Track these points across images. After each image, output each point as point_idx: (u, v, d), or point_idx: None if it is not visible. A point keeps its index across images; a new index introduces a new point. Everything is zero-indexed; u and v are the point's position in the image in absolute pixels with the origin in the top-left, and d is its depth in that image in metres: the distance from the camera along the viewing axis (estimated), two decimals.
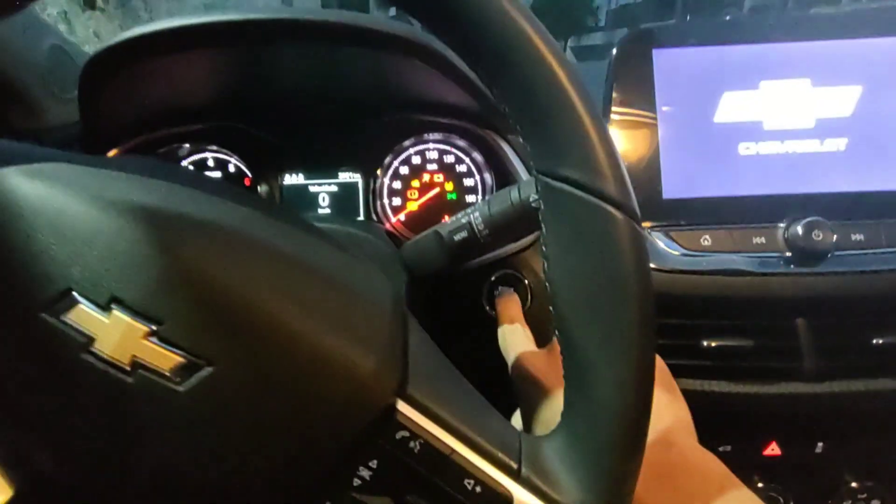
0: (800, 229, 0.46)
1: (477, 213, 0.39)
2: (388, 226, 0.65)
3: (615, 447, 0.22)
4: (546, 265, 0.23)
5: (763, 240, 0.48)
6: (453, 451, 0.22)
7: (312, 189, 0.64)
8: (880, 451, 0.53)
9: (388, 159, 0.64)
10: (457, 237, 0.40)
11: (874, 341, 0.47)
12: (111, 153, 0.57)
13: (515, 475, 0.22)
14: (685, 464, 0.28)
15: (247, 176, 0.64)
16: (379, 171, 0.64)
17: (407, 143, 0.63)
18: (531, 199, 0.36)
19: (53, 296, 0.19)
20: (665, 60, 0.50)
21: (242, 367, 0.20)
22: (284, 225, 0.26)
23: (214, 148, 0.62)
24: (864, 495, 0.52)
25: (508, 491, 0.22)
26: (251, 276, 0.21)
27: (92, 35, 3.99)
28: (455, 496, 0.22)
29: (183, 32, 0.45)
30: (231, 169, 0.63)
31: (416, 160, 0.64)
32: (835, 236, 0.46)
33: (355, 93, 0.60)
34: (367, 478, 0.22)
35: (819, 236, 0.46)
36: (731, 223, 0.48)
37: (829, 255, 0.47)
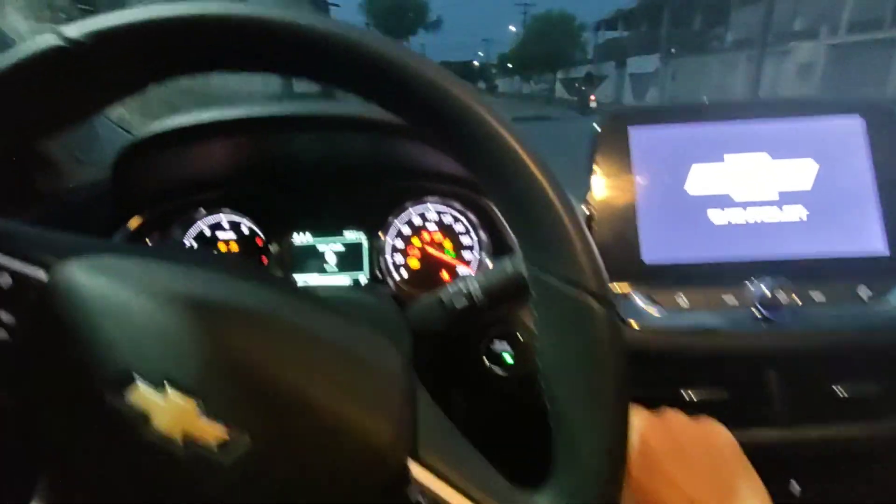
0: (766, 290, 0.51)
1: (476, 284, 0.42)
2: (390, 282, 0.69)
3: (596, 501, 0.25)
4: (537, 344, 0.27)
5: (733, 299, 0.52)
6: None
7: (320, 248, 0.68)
8: (852, 492, 0.57)
9: (390, 219, 0.68)
10: (458, 305, 0.43)
11: (835, 389, 0.51)
12: (135, 219, 0.62)
13: None
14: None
15: (258, 236, 0.68)
16: (381, 231, 0.68)
17: (408, 204, 0.67)
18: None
19: (115, 377, 0.22)
20: (640, 137, 0.56)
21: (276, 439, 0.23)
22: (307, 308, 0.29)
23: (228, 211, 0.66)
24: None
25: None
26: (281, 357, 0.24)
27: None
28: None
29: (203, 127, 0.50)
30: (244, 230, 0.67)
31: (417, 220, 0.68)
32: (796, 296, 0.51)
33: (360, 164, 0.65)
34: None
35: (782, 296, 0.51)
36: (705, 284, 0.53)
37: (792, 314, 0.51)
